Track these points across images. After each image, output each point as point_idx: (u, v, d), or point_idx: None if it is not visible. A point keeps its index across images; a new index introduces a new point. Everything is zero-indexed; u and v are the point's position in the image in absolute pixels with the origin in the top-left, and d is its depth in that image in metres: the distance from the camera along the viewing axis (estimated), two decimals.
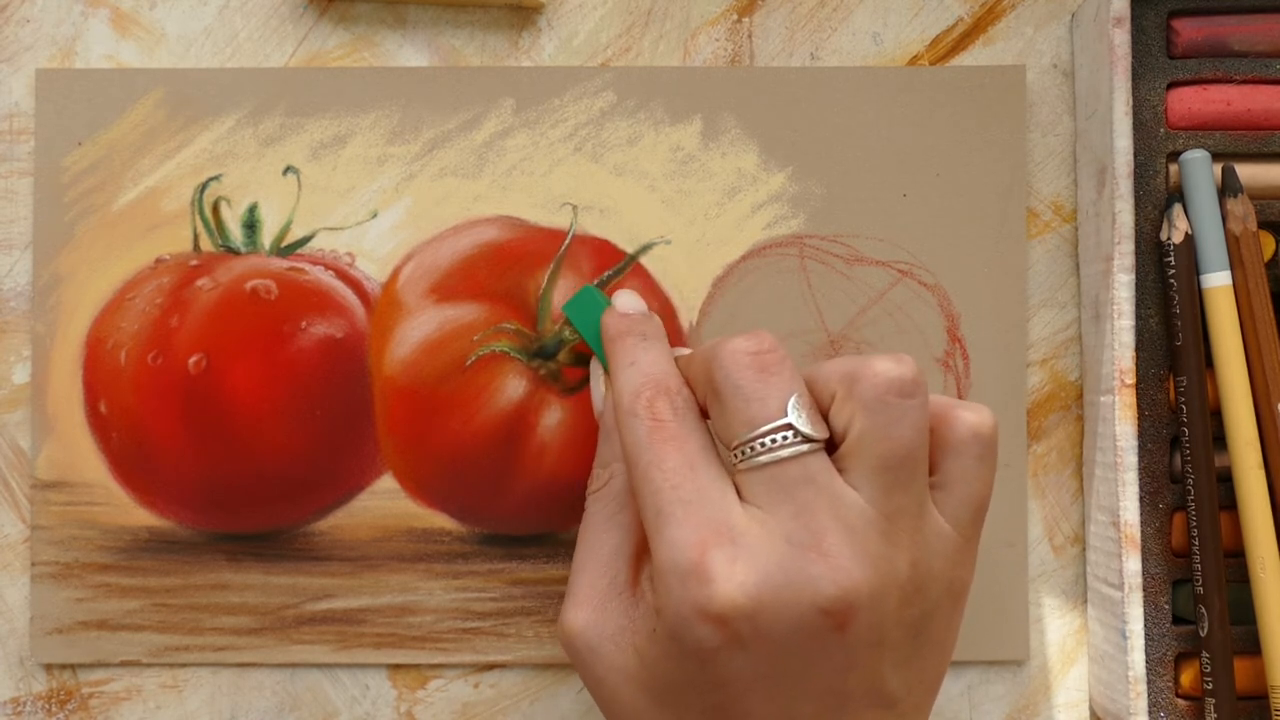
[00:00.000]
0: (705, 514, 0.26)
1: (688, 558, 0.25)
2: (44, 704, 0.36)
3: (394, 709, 0.36)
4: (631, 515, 0.30)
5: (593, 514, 0.31)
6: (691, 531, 0.26)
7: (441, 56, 0.37)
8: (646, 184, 0.36)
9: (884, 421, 0.26)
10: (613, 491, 0.31)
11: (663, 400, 0.28)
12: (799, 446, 0.26)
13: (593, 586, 0.29)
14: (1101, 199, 0.34)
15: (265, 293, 0.36)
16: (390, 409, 0.36)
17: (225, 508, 0.36)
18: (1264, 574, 0.33)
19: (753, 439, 0.26)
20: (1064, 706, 0.36)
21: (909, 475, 0.26)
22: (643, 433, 0.28)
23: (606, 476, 0.31)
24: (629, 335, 0.31)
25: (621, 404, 0.29)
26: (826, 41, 0.37)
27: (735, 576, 0.25)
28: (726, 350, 0.27)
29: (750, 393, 0.26)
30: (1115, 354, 0.33)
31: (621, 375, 0.30)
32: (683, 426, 0.28)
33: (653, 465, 0.27)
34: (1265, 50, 0.34)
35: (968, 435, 0.27)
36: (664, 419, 0.28)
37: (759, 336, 0.27)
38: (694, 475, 0.27)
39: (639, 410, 0.28)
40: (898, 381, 0.26)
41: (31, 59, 0.37)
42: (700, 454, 0.27)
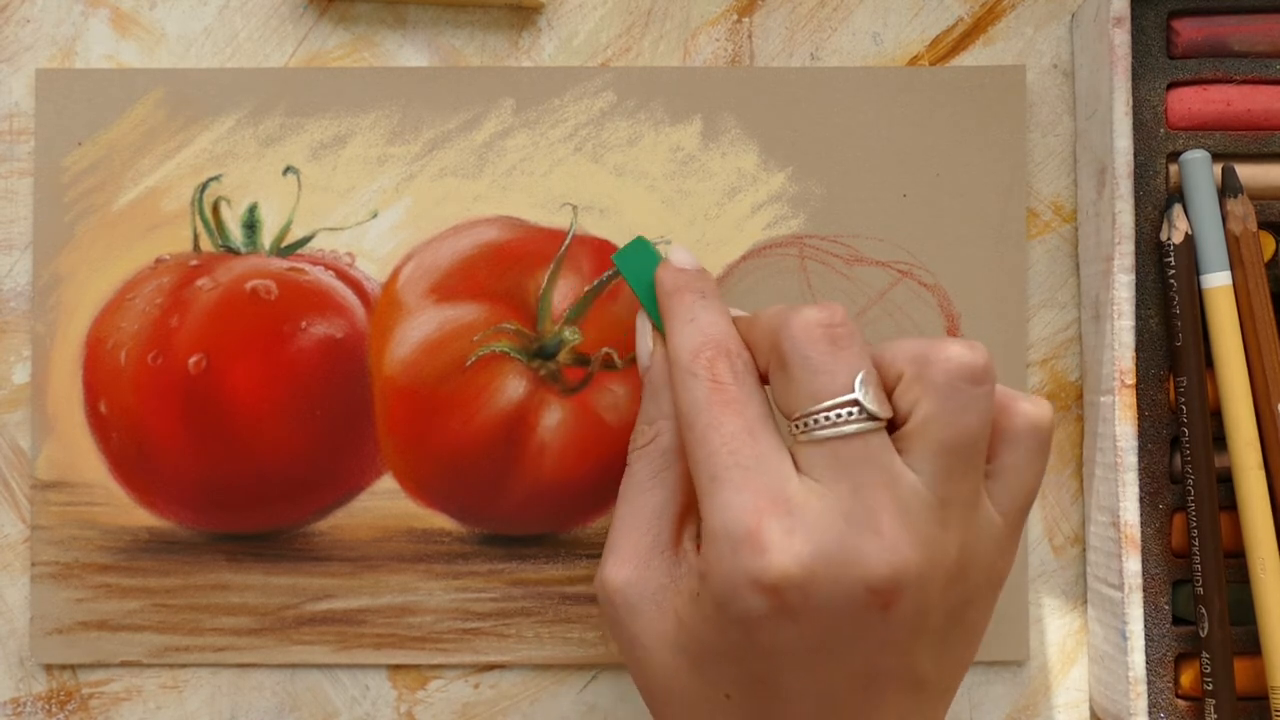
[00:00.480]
0: (763, 481, 0.26)
1: (743, 524, 0.25)
2: (44, 704, 0.36)
3: (394, 709, 0.36)
4: (677, 474, 0.30)
5: (636, 470, 0.30)
6: (748, 498, 0.25)
7: (441, 56, 0.37)
8: (646, 184, 0.36)
9: (952, 407, 0.26)
10: (660, 448, 0.30)
11: (723, 362, 0.28)
12: (863, 424, 0.26)
13: (636, 544, 0.29)
14: (1101, 199, 0.34)
15: (265, 293, 0.36)
16: (390, 409, 0.36)
17: (225, 508, 0.36)
18: (1264, 574, 0.33)
19: (816, 412, 0.26)
20: (1064, 707, 0.36)
21: (969, 462, 0.26)
22: (701, 394, 0.27)
23: (653, 433, 0.30)
24: (687, 291, 0.30)
25: (680, 361, 0.28)
26: (826, 41, 0.37)
27: (792, 547, 0.25)
28: (798, 320, 0.27)
29: (818, 365, 0.26)
30: (1115, 354, 0.33)
31: (681, 332, 0.29)
32: (742, 390, 0.27)
33: (710, 428, 0.27)
34: (1265, 50, 0.34)
35: (1027, 427, 0.27)
36: (724, 381, 0.27)
37: (831, 309, 0.27)
38: (753, 441, 0.26)
39: (698, 370, 0.28)
40: (969, 368, 0.26)
41: (31, 59, 0.37)
42: (759, 420, 0.27)
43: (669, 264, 0.31)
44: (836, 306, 0.27)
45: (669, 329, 0.30)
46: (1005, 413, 0.27)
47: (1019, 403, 0.28)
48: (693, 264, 0.31)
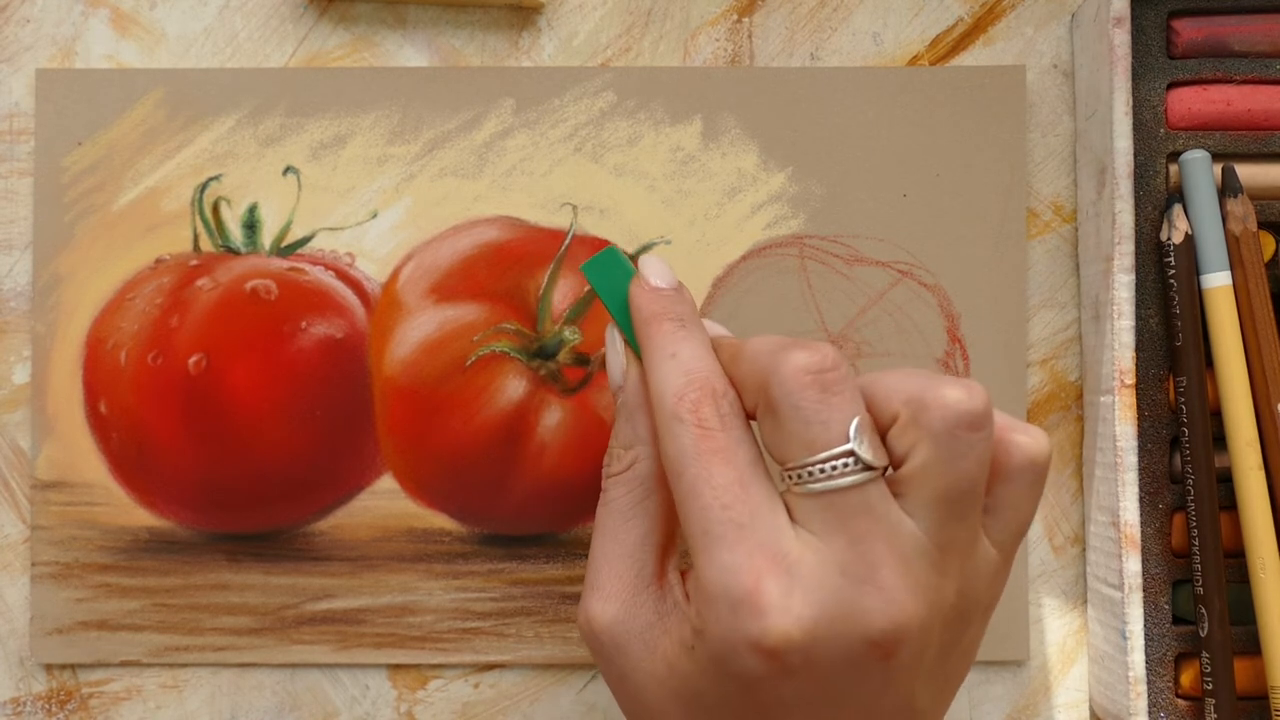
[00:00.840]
0: (758, 538, 0.25)
1: (741, 585, 0.24)
2: (44, 704, 0.36)
3: (394, 709, 0.36)
4: (658, 501, 0.29)
5: (615, 499, 0.29)
6: (744, 557, 0.25)
7: (441, 56, 0.37)
8: (646, 184, 0.36)
9: (950, 455, 0.25)
10: (639, 475, 0.29)
11: (709, 405, 0.26)
12: (859, 475, 0.25)
13: (620, 578, 0.28)
14: (1101, 199, 0.34)
15: (265, 293, 0.36)
16: (390, 409, 0.36)
17: (225, 508, 0.36)
18: (1264, 574, 0.33)
19: (810, 463, 0.25)
20: (1064, 706, 0.36)
21: (967, 507, 0.25)
22: (689, 441, 0.26)
23: (630, 459, 0.29)
24: (665, 319, 0.28)
25: (664, 404, 0.27)
26: (826, 41, 0.37)
27: (791, 610, 0.24)
28: (788, 367, 0.25)
29: (811, 415, 0.25)
30: (1115, 354, 0.33)
31: (660, 369, 0.28)
32: (730, 437, 0.26)
33: (700, 480, 0.26)
34: (1265, 50, 0.34)
35: (1024, 463, 0.26)
36: (711, 427, 0.26)
37: (821, 353, 0.25)
38: (745, 494, 0.25)
39: (683, 415, 0.26)
40: (969, 415, 0.25)
41: (31, 59, 0.37)
42: (750, 469, 0.26)
43: (644, 283, 0.29)
44: (827, 349, 0.25)
45: (649, 363, 0.28)
46: (1002, 447, 0.26)
47: (1016, 436, 0.26)
48: (669, 281, 0.29)
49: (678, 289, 0.30)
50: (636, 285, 0.29)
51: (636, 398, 0.29)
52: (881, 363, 0.36)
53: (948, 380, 0.25)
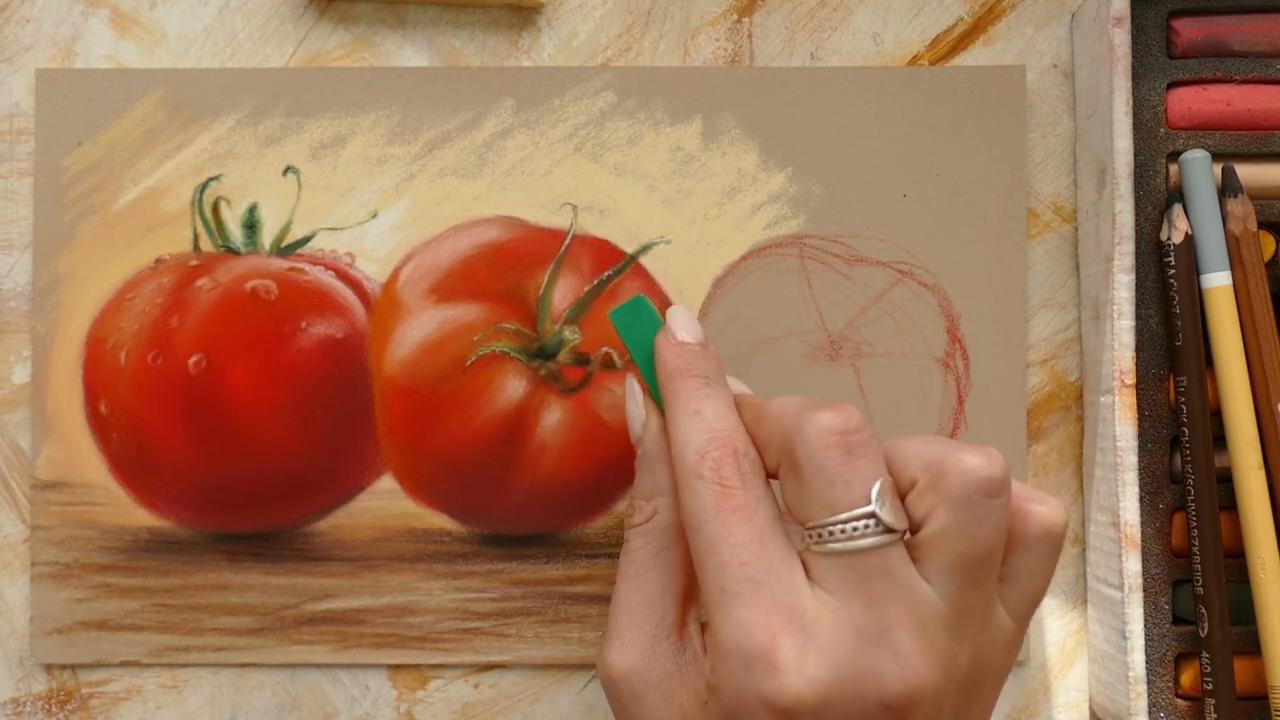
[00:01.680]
0: (774, 596, 0.25)
1: (756, 643, 0.25)
2: (44, 704, 0.36)
3: (394, 709, 0.36)
4: (678, 553, 0.29)
5: (636, 549, 0.29)
6: (760, 614, 0.25)
7: (441, 56, 0.37)
8: (646, 184, 0.36)
9: (968, 520, 0.25)
10: (659, 527, 0.29)
11: (730, 463, 0.27)
12: (879, 537, 0.25)
13: (640, 628, 0.28)
14: (1101, 199, 0.34)
15: (265, 293, 0.36)
16: (390, 409, 0.36)
17: (225, 508, 0.36)
18: (1264, 574, 0.33)
19: (831, 524, 0.25)
20: (1064, 706, 0.36)
21: (984, 574, 0.25)
22: (709, 499, 0.26)
23: (651, 510, 0.29)
24: (690, 376, 0.29)
25: (685, 461, 0.27)
26: (826, 41, 0.37)
27: (806, 670, 0.24)
28: (813, 426, 0.26)
29: (834, 475, 0.25)
30: (1115, 354, 0.33)
31: (684, 426, 0.28)
32: (750, 495, 0.26)
33: (719, 538, 0.26)
34: (1265, 50, 0.34)
35: (1040, 532, 0.27)
36: (731, 485, 0.27)
37: (847, 414, 0.26)
38: (763, 552, 0.26)
39: (704, 472, 0.27)
40: (987, 482, 0.25)
41: (31, 59, 0.37)
42: (769, 526, 0.26)
43: (670, 337, 0.30)
44: (852, 410, 0.26)
45: (672, 418, 0.28)
46: (1019, 516, 0.27)
47: (1033, 505, 0.27)
48: (695, 336, 0.30)
49: (704, 345, 0.30)
50: (663, 338, 0.30)
51: (657, 449, 0.30)
52: (881, 363, 0.36)
53: (967, 447, 0.25)
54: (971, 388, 0.36)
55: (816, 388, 0.36)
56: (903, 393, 0.36)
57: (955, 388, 0.36)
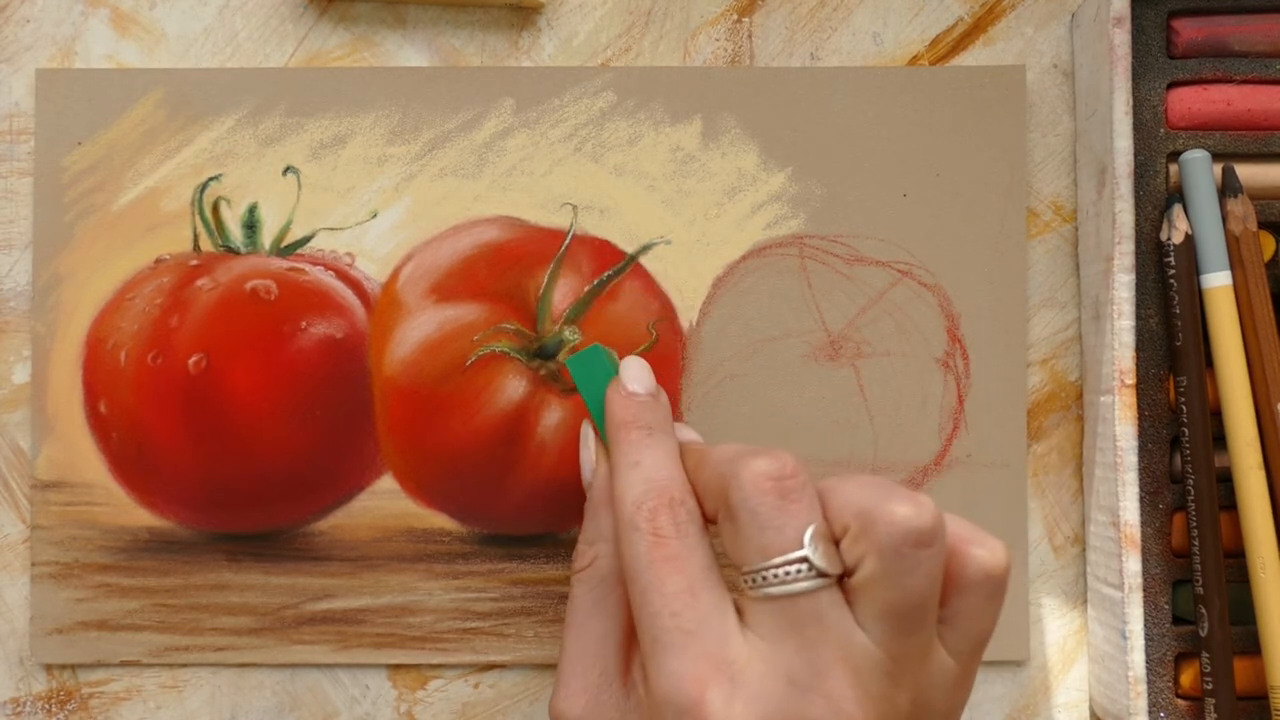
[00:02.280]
0: (704, 646, 0.25)
1: (685, 692, 0.25)
2: (44, 704, 0.36)
3: (394, 709, 0.36)
4: (619, 599, 0.29)
5: (578, 596, 0.30)
6: (690, 664, 0.25)
7: (441, 56, 0.37)
8: (646, 184, 0.36)
9: (898, 570, 0.25)
10: (599, 574, 0.30)
11: (665, 514, 0.27)
12: (812, 582, 0.25)
13: (584, 676, 0.29)
14: (1101, 199, 0.34)
15: (265, 293, 0.36)
16: (390, 409, 0.36)
17: (225, 508, 0.36)
18: (1264, 574, 0.33)
19: (765, 569, 0.25)
20: (1064, 706, 0.36)
21: (918, 621, 0.25)
22: (643, 549, 0.27)
23: (591, 555, 0.30)
24: (634, 426, 0.30)
25: (623, 511, 0.28)
26: (826, 41, 0.37)
27: (733, 718, 0.24)
28: (747, 472, 0.26)
29: (767, 520, 0.25)
30: (1115, 354, 0.33)
31: (624, 477, 0.28)
32: (684, 544, 0.27)
33: (652, 588, 0.26)
34: (1265, 50, 0.34)
35: (980, 575, 0.26)
36: (666, 535, 0.27)
37: (781, 460, 0.26)
38: (695, 602, 0.26)
39: (640, 523, 0.27)
40: (915, 533, 0.25)
41: (31, 59, 0.37)
42: (702, 576, 0.26)
43: (621, 388, 0.31)
44: (787, 456, 0.26)
45: (614, 469, 0.29)
46: (958, 558, 0.26)
47: (972, 549, 0.26)
48: (646, 387, 0.31)
49: (653, 396, 0.31)
50: (613, 389, 0.31)
51: (602, 495, 0.31)
52: (881, 362, 0.36)
53: (899, 495, 0.25)
54: (971, 388, 0.36)
55: (816, 388, 0.36)
56: (903, 393, 0.36)
57: (955, 388, 0.36)
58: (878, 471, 0.36)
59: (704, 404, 0.36)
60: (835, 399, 0.36)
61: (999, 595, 0.27)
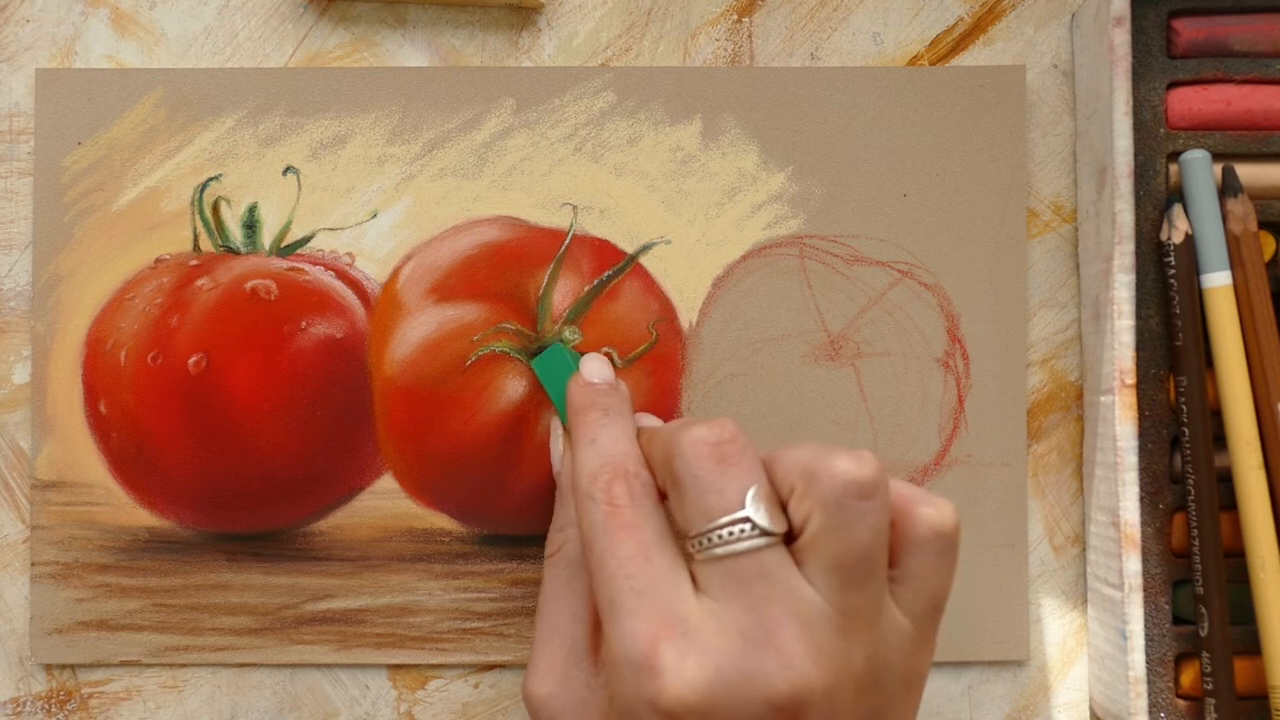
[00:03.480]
0: (658, 605, 0.26)
1: (639, 649, 0.25)
2: (44, 704, 0.36)
3: (394, 709, 0.36)
4: (587, 581, 0.30)
5: (549, 579, 0.31)
6: (643, 623, 0.26)
7: (441, 56, 0.37)
8: (646, 184, 0.36)
9: (841, 522, 0.25)
10: (567, 556, 0.31)
11: (620, 484, 0.28)
12: (756, 540, 0.26)
13: (553, 655, 0.29)
14: (1101, 199, 0.34)
15: (265, 293, 0.36)
16: (390, 409, 0.36)
17: (225, 508, 0.36)
18: (1264, 574, 0.33)
19: (709, 530, 0.26)
20: (1064, 706, 0.36)
21: (865, 574, 0.26)
22: (599, 517, 0.28)
23: (560, 541, 0.31)
24: (592, 409, 0.31)
25: (579, 485, 0.29)
26: (826, 41, 0.37)
27: (685, 672, 0.25)
28: (687, 439, 0.27)
29: (708, 483, 0.26)
30: (1115, 354, 0.33)
31: (581, 453, 0.30)
32: (638, 512, 0.28)
33: (607, 552, 0.27)
34: (1265, 50, 0.34)
35: (928, 533, 0.27)
36: (620, 504, 0.28)
37: (720, 425, 0.27)
38: (648, 565, 0.27)
39: (595, 493, 0.28)
40: (855, 484, 0.25)
41: (31, 59, 0.37)
42: (655, 541, 0.27)
43: (579, 378, 0.32)
44: (726, 423, 0.27)
45: (573, 450, 0.30)
46: (907, 518, 0.27)
47: (921, 507, 0.27)
48: (603, 377, 0.32)
49: (611, 385, 0.32)
50: (573, 381, 0.33)
51: (569, 482, 0.32)
52: (881, 362, 0.36)
53: (840, 452, 0.26)
54: (971, 388, 0.36)
55: (816, 388, 0.36)
56: (903, 393, 0.36)
57: (955, 388, 0.36)
58: None
59: (704, 404, 0.36)
60: (835, 399, 0.36)
61: (950, 553, 0.27)
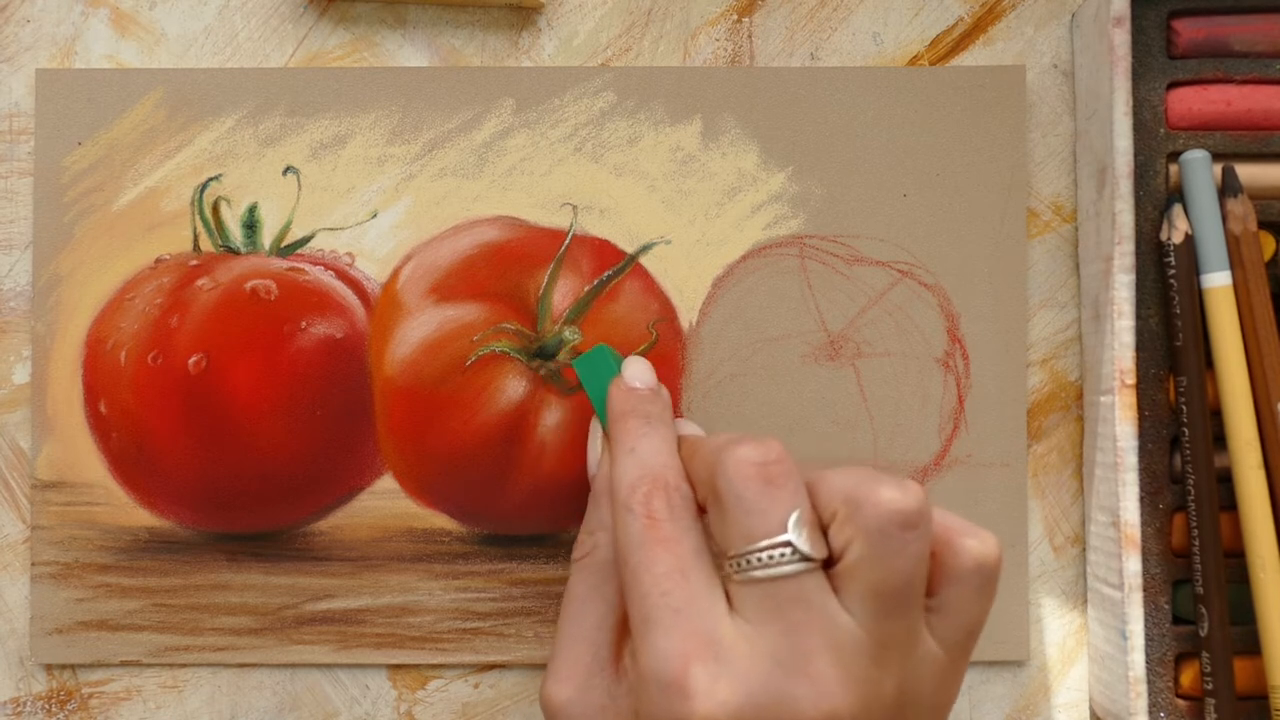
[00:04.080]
0: (692, 625, 0.25)
1: (670, 669, 0.25)
2: (44, 704, 0.36)
3: (394, 709, 0.36)
4: (616, 588, 0.30)
5: (576, 583, 0.30)
6: (676, 642, 0.25)
7: (441, 56, 0.37)
8: (646, 184, 0.36)
9: (883, 552, 0.25)
10: (597, 561, 0.30)
11: (659, 497, 0.28)
12: (796, 565, 0.25)
13: (576, 661, 0.29)
14: (1101, 199, 0.34)
15: (265, 293, 0.36)
16: (390, 409, 0.36)
17: (225, 508, 0.36)
18: (1264, 574, 0.33)
19: (749, 552, 0.25)
20: (1064, 706, 0.36)
21: (903, 604, 0.25)
22: (636, 530, 0.27)
23: (591, 545, 0.31)
24: (633, 415, 0.30)
25: (618, 494, 0.28)
26: (826, 41, 0.37)
27: (717, 694, 0.25)
28: (732, 458, 0.26)
29: (752, 505, 0.26)
30: (1115, 354, 0.33)
31: (621, 462, 0.29)
32: (676, 527, 0.27)
33: (643, 567, 0.27)
34: (1265, 50, 0.34)
35: (970, 565, 0.27)
36: (659, 517, 0.27)
37: (767, 446, 0.26)
38: (684, 582, 0.26)
39: (634, 505, 0.28)
40: (900, 514, 0.25)
41: (31, 59, 0.37)
42: (692, 558, 0.27)
43: (621, 382, 0.32)
44: (773, 443, 0.26)
45: (612, 456, 0.30)
46: (950, 549, 0.27)
47: (964, 539, 0.27)
48: (646, 381, 0.32)
49: (654, 390, 0.31)
50: (615, 384, 0.32)
51: (604, 485, 0.31)
52: (881, 362, 0.36)
53: (885, 479, 0.26)
54: (971, 388, 0.36)
55: (816, 388, 0.36)
56: (903, 393, 0.36)
57: (955, 388, 0.36)
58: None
59: (704, 404, 0.36)
60: (835, 399, 0.36)
61: (990, 586, 0.27)
